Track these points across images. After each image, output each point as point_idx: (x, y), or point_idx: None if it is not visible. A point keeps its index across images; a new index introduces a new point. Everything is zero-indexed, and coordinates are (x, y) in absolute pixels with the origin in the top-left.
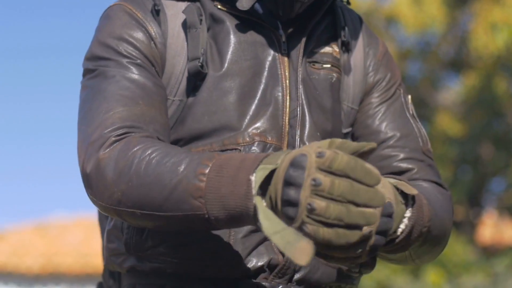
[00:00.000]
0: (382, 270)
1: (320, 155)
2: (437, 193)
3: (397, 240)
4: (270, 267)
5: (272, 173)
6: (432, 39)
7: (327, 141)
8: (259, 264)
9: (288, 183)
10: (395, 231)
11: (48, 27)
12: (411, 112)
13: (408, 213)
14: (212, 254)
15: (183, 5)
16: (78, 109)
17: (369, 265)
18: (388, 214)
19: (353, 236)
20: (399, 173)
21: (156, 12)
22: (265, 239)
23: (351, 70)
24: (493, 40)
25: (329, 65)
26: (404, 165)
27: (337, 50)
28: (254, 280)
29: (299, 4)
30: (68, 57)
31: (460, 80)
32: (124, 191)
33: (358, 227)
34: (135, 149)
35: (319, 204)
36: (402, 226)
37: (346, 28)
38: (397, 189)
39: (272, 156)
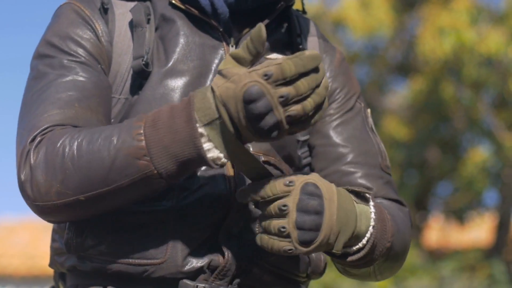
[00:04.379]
0: (328, 273)
1: (267, 75)
2: (398, 210)
3: (363, 252)
4: (211, 268)
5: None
6: (380, 43)
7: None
8: (199, 265)
9: (250, 101)
10: (362, 239)
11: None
12: (370, 126)
13: (371, 221)
14: (152, 255)
15: (133, 4)
16: (20, 107)
17: (318, 271)
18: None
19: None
20: None
21: (104, 11)
22: (206, 240)
23: None
24: (441, 45)
25: None
26: (363, 182)
27: None
28: (194, 282)
29: None
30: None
31: (407, 84)
32: (63, 180)
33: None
34: (62, 139)
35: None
36: (368, 234)
37: (302, 36)
38: (351, 191)
39: (199, 92)
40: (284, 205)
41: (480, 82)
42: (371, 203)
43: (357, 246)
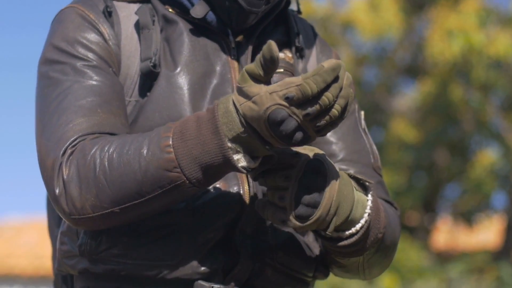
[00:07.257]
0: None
1: (288, 98)
2: (389, 208)
3: (356, 237)
4: (225, 269)
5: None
6: (389, 45)
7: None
8: (214, 266)
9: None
10: (356, 225)
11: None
12: (363, 127)
13: (368, 209)
14: (167, 256)
15: (135, 6)
16: (36, 117)
17: (323, 272)
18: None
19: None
20: None
21: (109, 14)
22: (220, 240)
23: None
24: (449, 47)
25: (281, 70)
26: None
27: (290, 55)
28: (209, 282)
29: (253, 16)
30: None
31: (416, 86)
32: (97, 194)
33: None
34: (93, 151)
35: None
36: (362, 221)
37: (300, 35)
38: (353, 178)
39: (221, 103)
40: (287, 177)
41: (488, 85)
42: (370, 193)
43: (350, 231)
